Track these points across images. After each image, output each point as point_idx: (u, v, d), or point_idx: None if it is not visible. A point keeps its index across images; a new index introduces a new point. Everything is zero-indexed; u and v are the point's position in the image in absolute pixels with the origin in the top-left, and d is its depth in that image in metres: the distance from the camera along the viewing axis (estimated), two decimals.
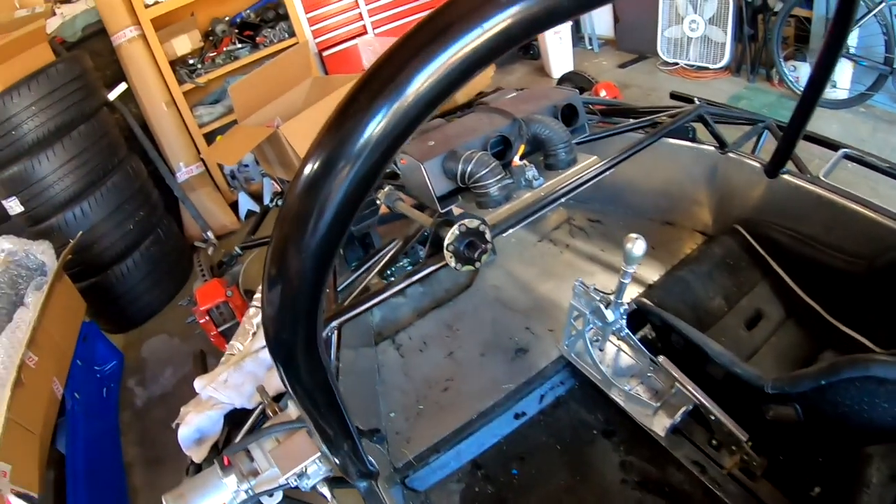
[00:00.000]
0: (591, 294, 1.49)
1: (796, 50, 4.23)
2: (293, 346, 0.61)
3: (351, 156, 0.49)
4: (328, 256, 0.55)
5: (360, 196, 0.52)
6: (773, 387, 1.30)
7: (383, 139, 0.49)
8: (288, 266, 0.55)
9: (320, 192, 0.51)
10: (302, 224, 0.52)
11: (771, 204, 1.81)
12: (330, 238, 0.54)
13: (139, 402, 3.07)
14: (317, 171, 0.51)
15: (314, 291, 0.58)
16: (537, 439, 1.65)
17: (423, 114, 0.50)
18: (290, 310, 0.58)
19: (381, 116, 0.49)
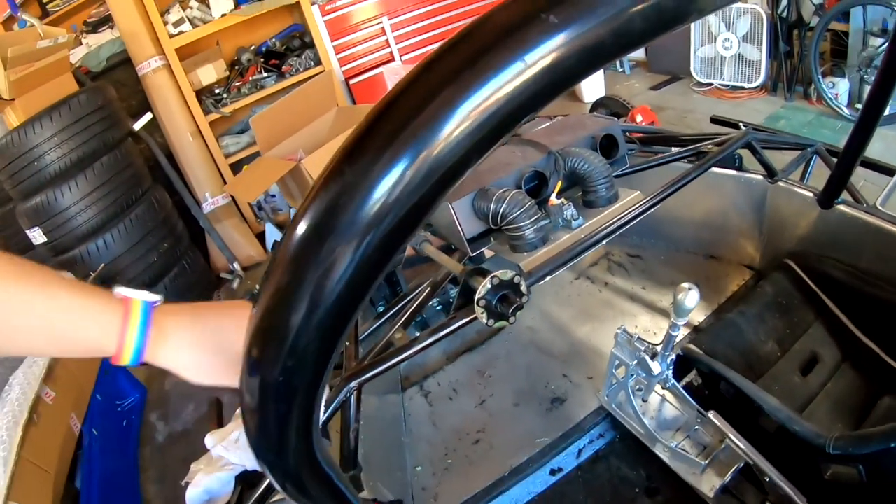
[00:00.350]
0: (635, 344, 1.37)
1: (834, 66, 4.08)
2: (282, 449, 0.50)
3: (358, 227, 0.35)
4: (332, 343, 0.43)
5: (367, 281, 0.38)
6: (835, 447, 1.18)
7: (402, 201, 0.35)
8: (278, 351, 0.42)
9: (320, 266, 0.37)
10: (297, 302, 0.40)
11: (824, 236, 1.69)
12: (336, 320, 0.40)
13: (160, 438, 2.98)
14: (307, 246, 0.37)
15: (313, 386, 0.45)
16: (575, 498, 1.52)
17: (459, 168, 0.35)
18: (279, 407, 0.46)
19: (400, 169, 0.34)
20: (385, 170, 0.34)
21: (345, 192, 0.35)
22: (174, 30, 4.01)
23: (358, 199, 0.35)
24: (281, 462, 0.51)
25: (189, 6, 4.11)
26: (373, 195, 0.34)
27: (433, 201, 0.36)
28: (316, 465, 0.54)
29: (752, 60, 4.43)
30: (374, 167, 0.34)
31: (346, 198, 0.35)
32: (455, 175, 0.35)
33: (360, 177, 0.35)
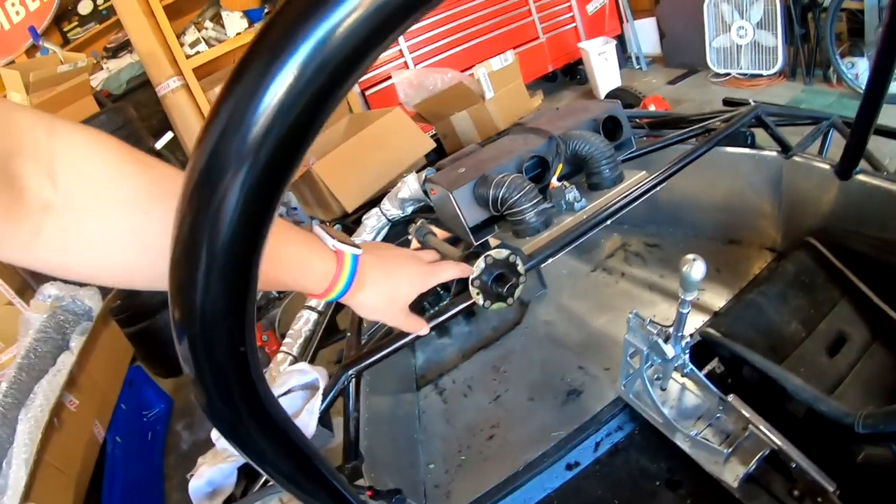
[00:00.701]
0: (647, 328, 1.32)
1: (852, 45, 3.98)
2: (230, 407, 0.47)
3: (247, 140, 0.31)
4: (243, 279, 0.39)
5: (270, 193, 0.35)
6: (864, 425, 1.10)
7: (291, 107, 0.31)
8: (191, 305, 0.39)
9: (212, 198, 0.33)
10: (197, 244, 0.37)
11: (846, 209, 1.61)
12: (237, 252, 0.37)
13: (185, 446, 3.03)
14: (204, 168, 0.33)
15: (236, 332, 0.42)
16: (593, 492, 1.46)
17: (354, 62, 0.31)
18: (211, 363, 0.43)
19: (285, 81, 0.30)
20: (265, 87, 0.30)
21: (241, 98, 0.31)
22: (191, 50, 4.10)
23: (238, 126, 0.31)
24: (235, 428, 0.48)
25: (204, 27, 4.19)
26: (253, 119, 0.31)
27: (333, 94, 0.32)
28: (275, 430, 0.51)
29: (768, 47, 4.34)
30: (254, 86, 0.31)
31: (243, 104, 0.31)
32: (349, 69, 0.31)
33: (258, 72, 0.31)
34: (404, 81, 3.88)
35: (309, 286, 0.75)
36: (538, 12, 5.46)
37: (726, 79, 4.76)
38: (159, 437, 2.99)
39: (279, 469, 0.56)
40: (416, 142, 2.92)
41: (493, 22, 5.28)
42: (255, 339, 0.44)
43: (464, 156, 1.72)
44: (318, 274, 0.74)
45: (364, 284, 0.80)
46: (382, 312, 0.88)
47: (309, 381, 1.18)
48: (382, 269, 0.84)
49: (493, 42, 5.18)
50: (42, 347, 2.39)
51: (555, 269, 2.23)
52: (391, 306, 0.88)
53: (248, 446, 0.51)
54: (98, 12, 4.54)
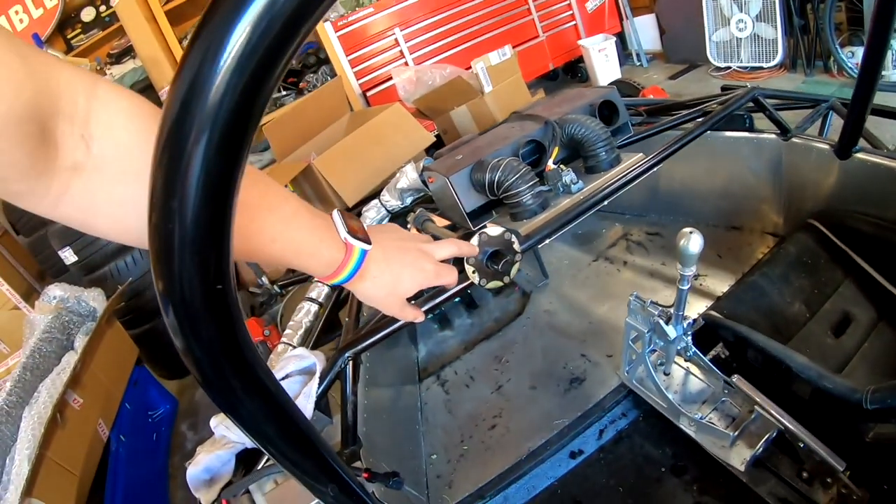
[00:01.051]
0: (648, 309, 1.30)
1: (852, 34, 3.96)
2: (210, 360, 0.46)
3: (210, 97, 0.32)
4: (218, 244, 0.39)
5: (235, 149, 0.35)
6: (872, 400, 1.08)
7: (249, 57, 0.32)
8: (171, 274, 0.39)
9: (182, 160, 0.34)
10: (170, 209, 0.36)
11: (847, 189, 1.59)
12: (210, 208, 0.37)
13: (190, 446, 3.04)
14: (171, 131, 0.34)
15: (218, 300, 0.41)
16: (597, 480, 1.44)
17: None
18: (196, 330, 0.43)
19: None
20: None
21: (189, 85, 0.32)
22: None
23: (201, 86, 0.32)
24: (225, 394, 0.48)
25: None
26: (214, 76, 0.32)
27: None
28: (267, 396, 0.50)
29: (767, 39, 4.33)
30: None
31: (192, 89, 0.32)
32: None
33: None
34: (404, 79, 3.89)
35: (314, 270, 0.77)
36: (538, 11, 5.46)
37: (727, 72, 4.75)
38: (164, 438, 2.99)
39: (272, 440, 0.56)
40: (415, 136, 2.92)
41: (493, 21, 5.28)
42: (236, 297, 0.43)
43: (461, 144, 1.71)
44: (324, 261, 0.76)
45: (365, 276, 0.82)
46: (379, 302, 0.89)
47: (306, 365, 1.17)
48: (387, 264, 0.85)
49: (493, 41, 5.18)
50: (46, 347, 2.41)
51: (556, 260, 2.22)
52: (388, 298, 0.89)
53: (238, 411, 0.51)
54: (101, 19, 4.58)
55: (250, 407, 0.50)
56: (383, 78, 4.92)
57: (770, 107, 1.68)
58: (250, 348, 0.46)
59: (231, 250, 0.40)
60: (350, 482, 0.68)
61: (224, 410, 0.50)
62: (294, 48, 0.33)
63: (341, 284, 0.80)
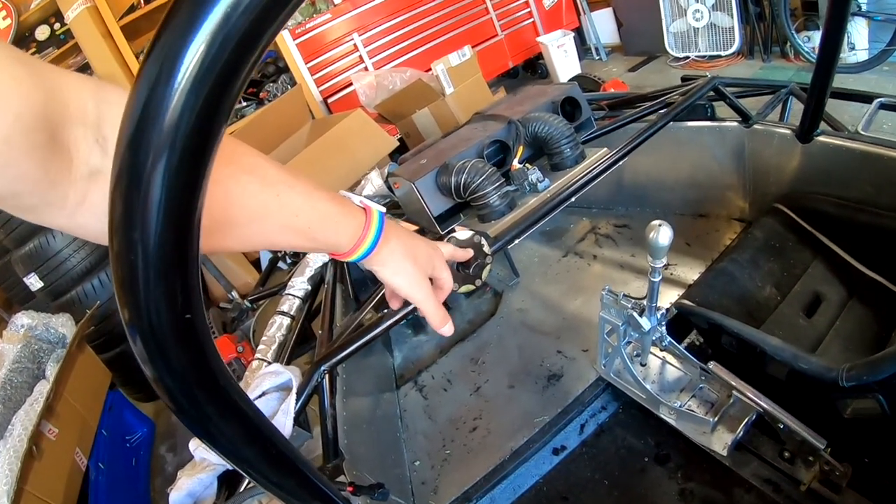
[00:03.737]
0: (621, 302, 1.30)
1: (807, 19, 4.06)
2: (182, 388, 0.45)
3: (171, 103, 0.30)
4: (182, 257, 0.37)
5: (198, 158, 0.34)
6: (848, 378, 1.09)
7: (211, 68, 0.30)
8: (135, 295, 0.37)
9: (142, 171, 0.32)
10: (131, 221, 0.35)
11: (810, 172, 1.63)
12: (173, 221, 0.35)
13: (170, 469, 2.99)
14: (130, 143, 0.32)
15: (174, 296, 0.40)
16: (581, 475, 1.44)
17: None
18: (161, 349, 0.41)
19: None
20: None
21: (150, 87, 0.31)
22: None
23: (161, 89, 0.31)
24: (199, 420, 0.46)
25: None
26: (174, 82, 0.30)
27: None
28: (240, 417, 0.49)
29: (724, 28, 4.42)
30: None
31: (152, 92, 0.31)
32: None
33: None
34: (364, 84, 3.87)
35: (341, 242, 0.74)
36: (495, 10, 5.49)
37: (685, 62, 4.82)
38: (143, 462, 2.94)
39: (252, 464, 0.55)
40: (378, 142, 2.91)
41: (452, 22, 5.29)
42: (206, 324, 0.42)
43: (425, 147, 1.70)
44: (349, 229, 0.74)
45: (390, 240, 0.79)
46: (409, 275, 0.84)
47: (282, 382, 1.15)
48: (409, 234, 0.85)
49: (452, 42, 5.19)
50: (17, 378, 2.34)
51: (526, 258, 2.22)
52: (415, 268, 0.84)
53: (215, 437, 0.49)
54: (56, 37, 4.48)
55: (227, 432, 0.49)
56: (343, 84, 4.89)
57: (731, 95, 1.70)
58: (223, 374, 0.45)
59: (197, 275, 0.39)
60: (335, 498, 0.67)
61: (200, 437, 0.48)
62: (253, 62, 0.32)
63: (366, 256, 0.77)
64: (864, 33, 3.75)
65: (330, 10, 4.78)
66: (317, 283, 1.83)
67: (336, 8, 4.79)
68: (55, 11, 4.28)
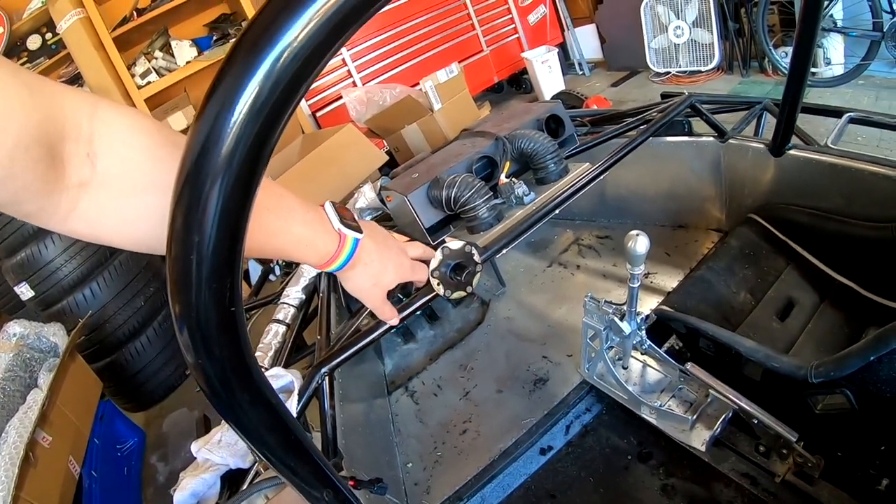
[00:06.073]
0: (603, 308, 1.38)
1: (785, 35, 4.21)
2: (220, 375, 0.51)
3: (221, 149, 0.38)
4: (229, 270, 0.44)
5: (245, 191, 0.41)
6: (817, 374, 1.16)
7: (257, 113, 0.38)
8: (189, 298, 0.45)
9: (199, 202, 0.40)
10: (189, 244, 0.42)
11: (783, 184, 1.71)
12: (224, 243, 0.43)
13: (161, 478, 2.99)
14: (188, 177, 0.40)
15: (227, 313, 0.46)
16: (568, 473, 1.51)
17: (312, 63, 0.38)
18: (208, 349, 0.48)
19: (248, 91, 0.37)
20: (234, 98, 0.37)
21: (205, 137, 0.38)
22: (142, 81, 4.09)
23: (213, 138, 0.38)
24: (222, 393, 0.52)
25: (154, 57, 4.18)
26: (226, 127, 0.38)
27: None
28: (268, 408, 0.55)
29: (704, 44, 4.54)
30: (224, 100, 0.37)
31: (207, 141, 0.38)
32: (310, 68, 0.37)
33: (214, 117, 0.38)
34: (354, 99, 3.93)
35: (311, 260, 0.82)
36: (481, 26, 5.58)
37: (666, 77, 4.94)
38: (135, 471, 2.95)
39: (273, 449, 0.61)
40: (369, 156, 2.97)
41: (438, 37, 5.37)
42: (244, 319, 0.48)
43: (416, 162, 1.77)
44: (320, 252, 0.81)
45: (357, 264, 0.87)
46: (365, 292, 0.95)
47: (284, 384, 1.21)
48: (378, 253, 0.91)
49: (438, 57, 5.27)
50: (10, 386, 2.37)
51: (512, 268, 2.29)
52: (374, 288, 0.94)
53: (243, 422, 0.55)
54: (47, 47, 4.46)
55: (254, 418, 0.55)
56: (331, 98, 4.95)
57: (706, 111, 1.78)
58: (255, 364, 0.51)
59: (241, 276, 0.46)
60: (342, 488, 0.73)
61: (230, 421, 0.55)
62: (297, 101, 0.39)
63: (336, 272, 0.86)
64: (839, 48, 3.88)
65: None
66: (310, 292, 1.88)
67: None
68: (47, 21, 4.28)
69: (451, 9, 5.41)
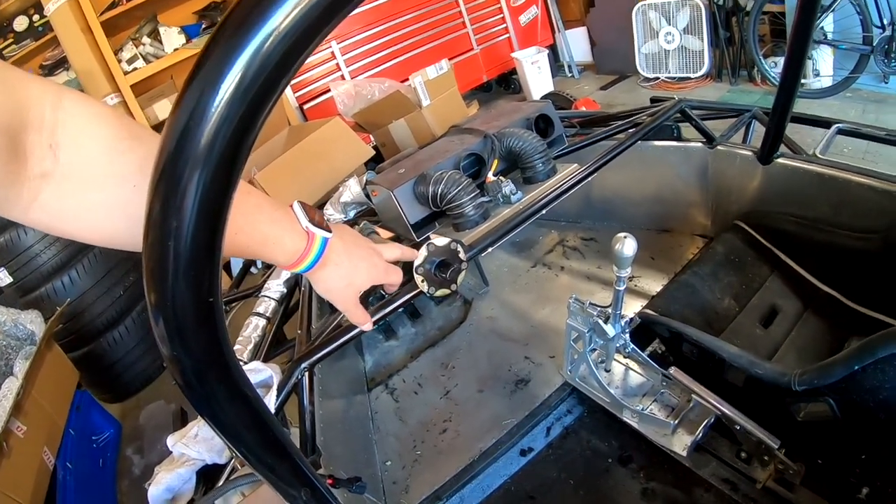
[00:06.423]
0: (587, 310, 1.37)
1: (774, 46, 4.25)
2: (196, 368, 0.49)
3: (202, 136, 0.36)
4: (208, 259, 0.42)
5: (225, 179, 0.39)
6: (800, 382, 1.17)
7: (239, 98, 0.35)
8: (164, 287, 0.43)
9: (177, 189, 0.38)
10: (166, 232, 0.40)
11: (770, 192, 1.72)
12: (203, 234, 0.40)
13: (137, 471, 2.93)
14: (167, 162, 0.38)
15: (205, 310, 0.45)
16: (548, 475, 1.50)
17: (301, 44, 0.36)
18: (185, 343, 0.46)
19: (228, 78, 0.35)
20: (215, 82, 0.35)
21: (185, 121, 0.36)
22: (128, 67, 4.04)
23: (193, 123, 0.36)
24: (198, 386, 0.50)
25: (142, 43, 4.14)
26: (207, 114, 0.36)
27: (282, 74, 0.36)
28: (232, 386, 0.53)
29: (694, 51, 4.56)
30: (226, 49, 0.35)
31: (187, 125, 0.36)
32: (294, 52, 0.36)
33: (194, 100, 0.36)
34: (342, 92, 3.91)
35: (279, 260, 0.80)
36: (472, 24, 5.56)
37: (655, 82, 4.96)
38: (110, 463, 2.89)
39: (250, 447, 0.59)
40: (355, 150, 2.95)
41: (429, 34, 5.35)
42: (222, 310, 0.47)
43: (403, 157, 1.76)
44: (288, 251, 0.79)
45: (327, 264, 0.86)
46: (336, 293, 0.93)
47: (263, 378, 1.19)
48: (347, 254, 0.90)
49: (428, 53, 5.25)
50: None
51: (496, 268, 2.29)
52: (346, 289, 0.93)
53: (219, 417, 0.53)
54: (34, 28, 4.37)
55: (231, 413, 0.53)
56: (320, 91, 4.91)
57: (696, 117, 1.78)
58: (233, 357, 0.50)
59: (220, 265, 0.44)
60: (320, 487, 0.71)
61: (205, 416, 0.52)
62: (284, 86, 0.37)
63: (305, 272, 0.84)
64: (829, 61, 3.92)
65: None
66: (292, 286, 1.86)
67: None
68: (35, 3, 4.20)
69: (443, 6, 5.39)
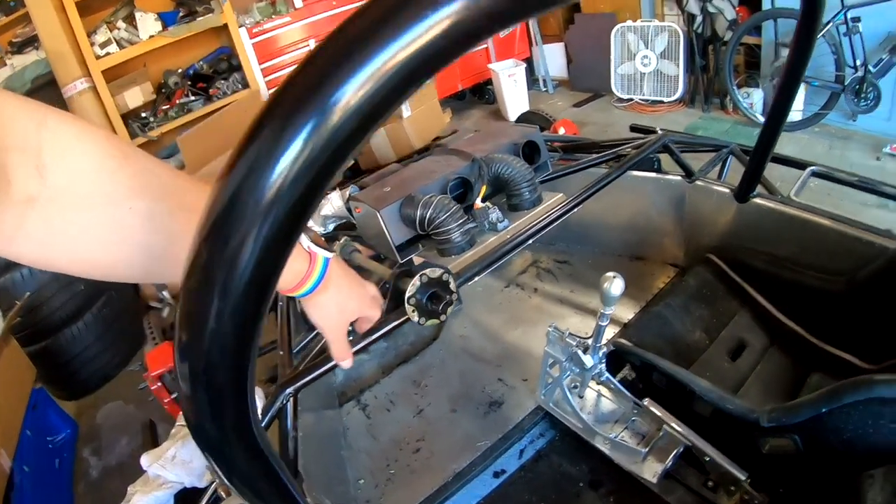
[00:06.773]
0: (567, 340, 1.40)
1: (748, 77, 4.37)
2: (221, 431, 0.48)
3: (266, 194, 0.34)
4: (251, 320, 0.42)
5: (282, 245, 0.36)
6: (770, 419, 1.22)
7: (307, 167, 0.33)
8: (201, 332, 0.41)
9: (229, 244, 0.36)
10: (211, 282, 0.38)
11: (743, 229, 1.77)
12: (249, 296, 0.38)
13: (94, 473, 2.87)
14: (223, 214, 0.36)
15: (239, 364, 0.44)
16: (520, 498, 1.52)
17: (357, 134, 0.34)
18: (210, 388, 0.45)
19: (302, 137, 0.33)
20: (284, 144, 0.33)
21: (246, 174, 0.34)
22: (101, 51, 3.94)
23: (259, 179, 0.33)
24: (221, 449, 0.49)
25: (116, 27, 4.05)
26: (272, 173, 0.33)
27: (336, 163, 0.35)
28: (259, 455, 0.52)
29: (670, 76, 4.65)
30: (273, 144, 0.33)
31: (249, 179, 0.34)
32: (352, 140, 0.34)
33: (260, 156, 0.33)
34: None
35: (280, 282, 0.77)
36: None
37: (629, 104, 5.05)
38: (66, 465, 2.81)
39: (251, 485, 0.57)
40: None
41: None
42: (254, 374, 0.46)
43: (387, 174, 1.76)
44: (291, 272, 0.77)
45: (329, 287, 0.84)
46: (329, 320, 0.90)
47: None
48: (346, 279, 0.89)
49: None
50: None
51: (469, 286, 2.27)
52: (339, 316, 0.91)
53: (234, 470, 0.52)
54: (6, 3, 4.19)
55: (240, 457, 0.50)
56: None
57: (677, 151, 1.83)
58: (257, 420, 0.48)
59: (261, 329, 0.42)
60: None
61: (213, 458, 0.51)
62: (348, 159, 0.35)
63: (305, 296, 0.81)
64: (800, 96, 4.03)
65: (290, 13, 4.76)
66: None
67: (296, 12, 4.77)
68: None
69: None
